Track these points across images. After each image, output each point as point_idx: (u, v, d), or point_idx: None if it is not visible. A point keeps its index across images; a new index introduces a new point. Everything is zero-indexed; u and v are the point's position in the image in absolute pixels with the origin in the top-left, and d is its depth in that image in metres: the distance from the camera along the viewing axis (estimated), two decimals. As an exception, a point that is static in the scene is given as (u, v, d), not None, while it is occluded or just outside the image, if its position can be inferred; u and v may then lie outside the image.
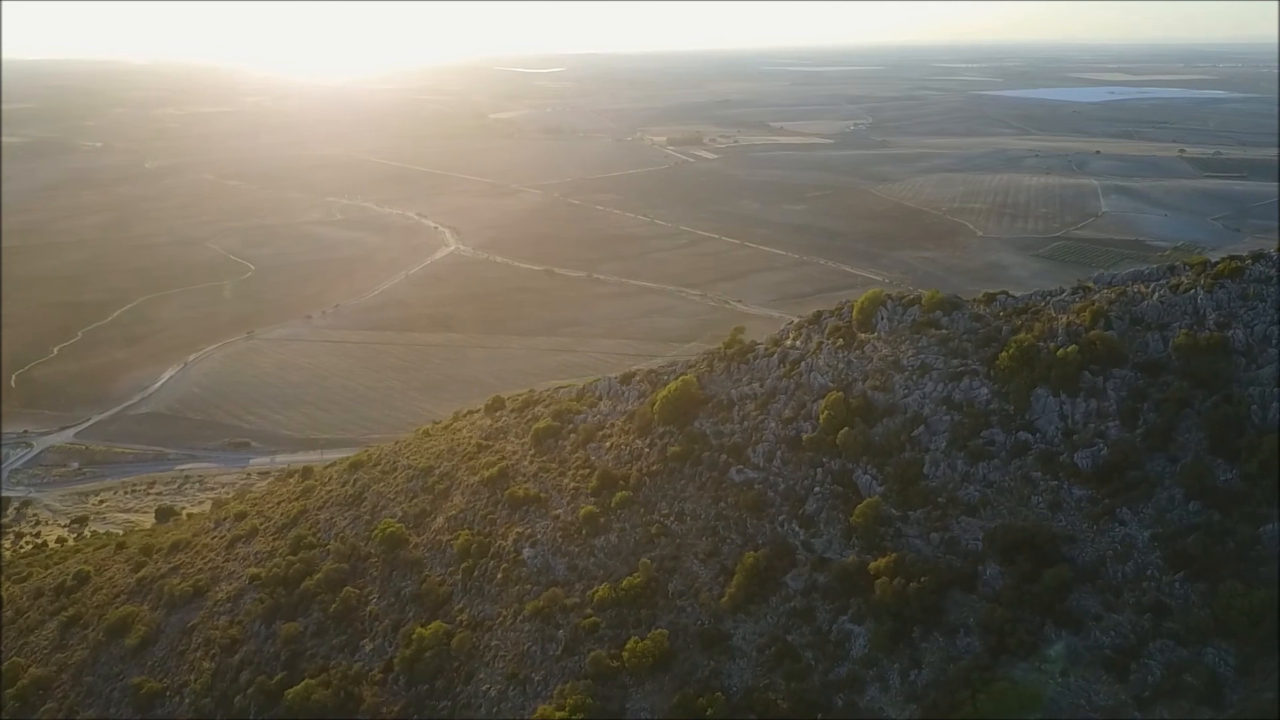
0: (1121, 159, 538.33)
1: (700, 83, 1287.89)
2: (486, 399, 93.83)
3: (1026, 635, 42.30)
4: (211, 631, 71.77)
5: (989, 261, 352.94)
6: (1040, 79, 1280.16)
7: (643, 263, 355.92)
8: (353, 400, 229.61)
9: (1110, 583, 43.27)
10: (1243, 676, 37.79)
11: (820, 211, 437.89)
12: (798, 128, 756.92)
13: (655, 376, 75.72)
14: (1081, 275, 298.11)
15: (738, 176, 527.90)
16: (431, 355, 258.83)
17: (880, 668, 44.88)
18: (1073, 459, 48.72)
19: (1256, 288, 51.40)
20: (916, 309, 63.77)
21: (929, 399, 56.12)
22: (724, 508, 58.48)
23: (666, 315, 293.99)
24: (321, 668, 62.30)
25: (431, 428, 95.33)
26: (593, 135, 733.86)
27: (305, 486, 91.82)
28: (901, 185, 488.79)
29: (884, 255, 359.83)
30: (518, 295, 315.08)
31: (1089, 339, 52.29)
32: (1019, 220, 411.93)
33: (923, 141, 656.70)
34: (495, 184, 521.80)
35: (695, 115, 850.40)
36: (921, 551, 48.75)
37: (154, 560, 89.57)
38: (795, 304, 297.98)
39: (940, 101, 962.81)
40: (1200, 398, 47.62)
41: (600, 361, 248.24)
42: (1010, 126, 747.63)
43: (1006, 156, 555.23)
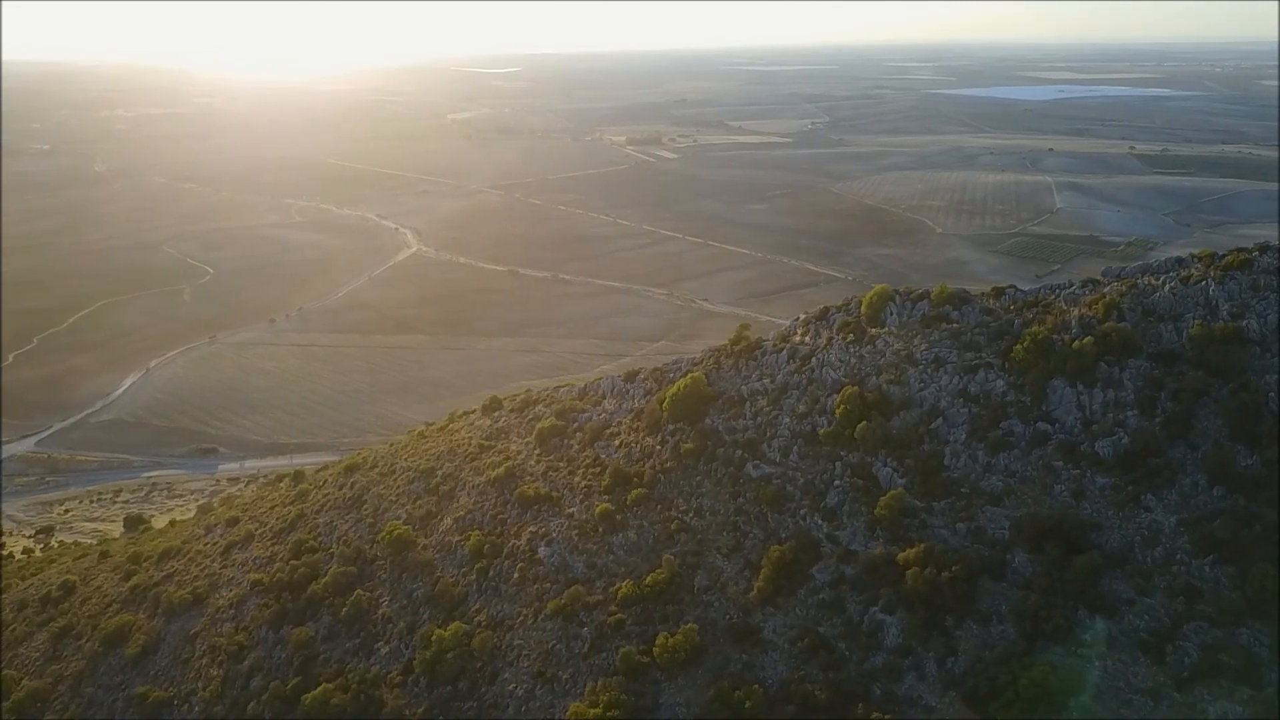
0: (1074, 156, 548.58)
1: (656, 82, 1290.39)
2: (484, 399, 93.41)
3: (1062, 620, 43.27)
4: (216, 638, 70.76)
5: (949, 258, 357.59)
6: (992, 78, 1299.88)
7: (607, 262, 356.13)
8: (320, 404, 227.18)
9: (1140, 568, 44.40)
10: (1278, 655, 39.01)
11: (782, 210, 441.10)
12: (756, 127, 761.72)
13: (660, 374, 75.94)
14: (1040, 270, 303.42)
15: (699, 176, 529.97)
16: (398, 357, 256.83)
17: (916, 656, 45.61)
18: (1094, 448, 49.85)
19: (1266, 279, 53.01)
20: (925, 303, 64.72)
21: (945, 392, 57.05)
22: (743, 503, 58.92)
23: (633, 315, 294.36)
24: (337, 672, 61.74)
25: (426, 429, 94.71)
26: (551, 135, 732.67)
27: (299, 491, 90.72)
28: (861, 183, 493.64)
29: (846, 253, 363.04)
30: (483, 296, 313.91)
31: (1103, 330, 53.53)
32: (977, 217, 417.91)
33: (880, 140, 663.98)
34: (455, 185, 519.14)
35: (653, 115, 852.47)
36: (948, 541, 49.59)
37: (145, 568, 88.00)
38: (761, 302, 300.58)
39: (896, 100, 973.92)
40: (1217, 386, 49.01)
41: (569, 362, 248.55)
42: (965, 125, 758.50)
43: (963, 154, 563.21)
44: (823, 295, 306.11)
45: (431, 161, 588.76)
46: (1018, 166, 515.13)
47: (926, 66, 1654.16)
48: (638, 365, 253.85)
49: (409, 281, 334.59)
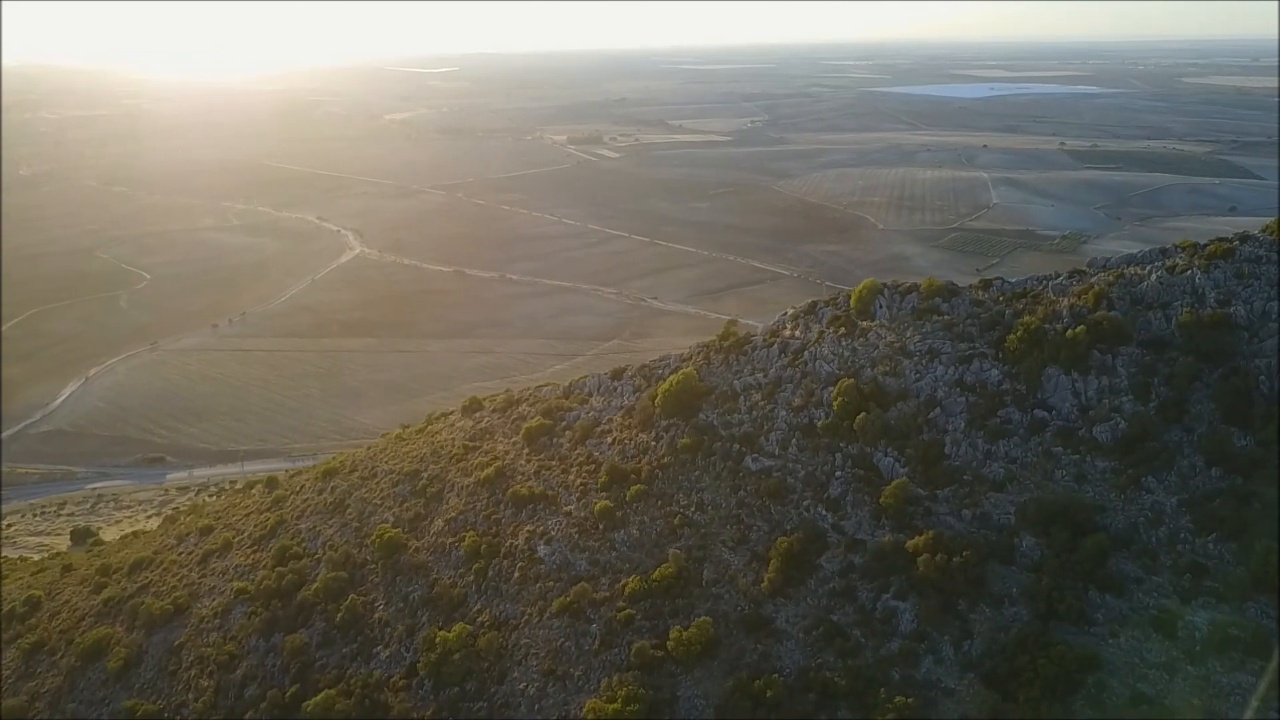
0: (1007, 152, 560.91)
1: (594, 82, 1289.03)
2: (464, 400, 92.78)
3: (1074, 601, 44.56)
4: (203, 649, 69.35)
5: (892, 253, 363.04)
6: (926, 76, 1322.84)
7: (554, 262, 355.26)
8: (270, 410, 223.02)
9: (1146, 547, 45.96)
10: (1286, 627, 40.71)
11: (725, 208, 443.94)
12: (696, 125, 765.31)
13: (648, 371, 76.26)
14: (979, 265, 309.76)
15: (642, 175, 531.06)
16: (347, 361, 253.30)
17: (931, 641, 46.61)
18: (1092, 433, 51.43)
19: (1250, 266, 55.16)
20: (915, 296, 66.01)
21: (941, 382, 58.30)
22: (744, 496, 59.53)
23: (584, 314, 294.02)
24: (337, 677, 60.99)
25: (404, 431, 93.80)
26: (492, 135, 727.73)
27: (276, 497, 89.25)
28: (802, 181, 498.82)
29: (790, 250, 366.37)
30: (430, 297, 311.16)
31: (1095, 319, 55.21)
32: (917, 213, 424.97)
33: (819, 137, 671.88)
34: (396, 185, 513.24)
35: (593, 114, 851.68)
36: (955, 528, 50.75)
37: (116, 580, 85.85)
38: (710, 300, 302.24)
39: (833, 98, 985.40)
40: (1207, 371, 50.88)
41: (520, 362, 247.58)
42: (901, 122, 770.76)
43: (900, 151, 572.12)
44: (770, 292, 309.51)
45: (371, 163, 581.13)
46: (954, 163, 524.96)
47: (862, 65, 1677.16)
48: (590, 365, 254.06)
49: (354, 284, 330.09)
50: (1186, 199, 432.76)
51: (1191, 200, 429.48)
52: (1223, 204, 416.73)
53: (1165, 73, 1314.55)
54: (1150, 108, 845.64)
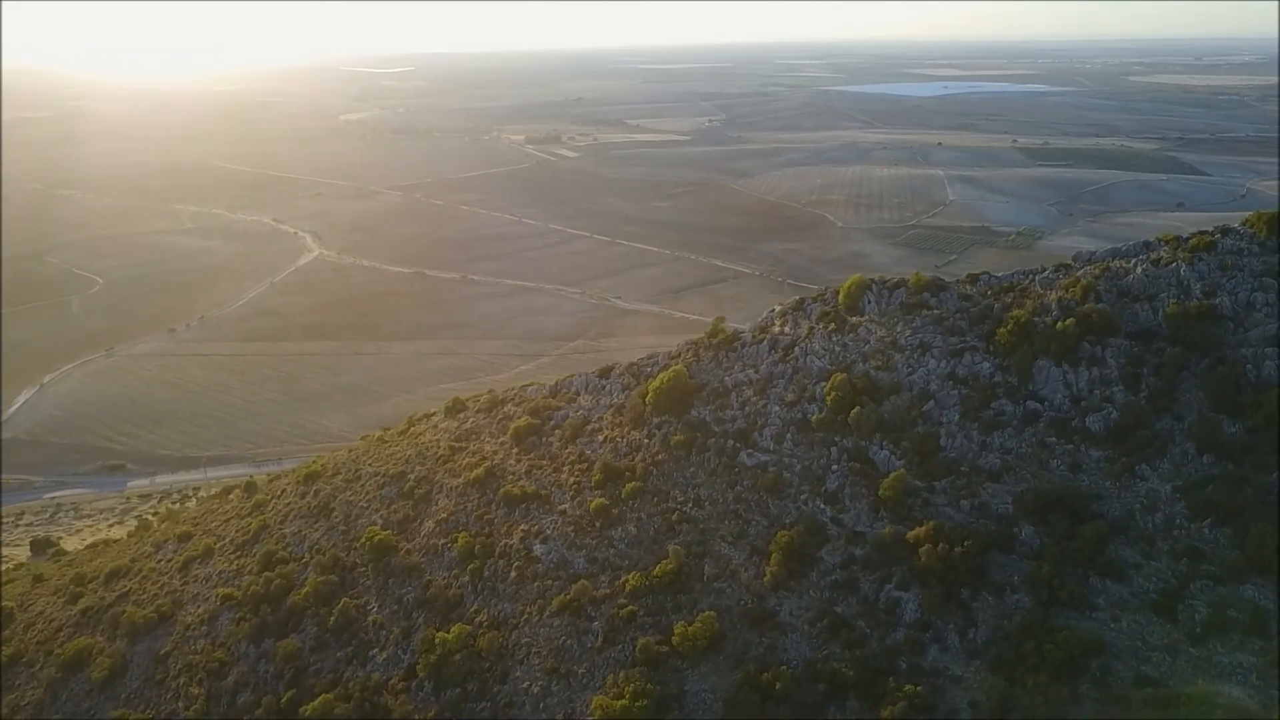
0: (962, 150, 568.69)
1: (550, 81, 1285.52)
2: (446, 401, 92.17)
3: (1075, 587, 45.54)
4: (191, 656, 68.36)
5: (851, 251, 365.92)
6: (879, 75, 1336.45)
7: (516, 262, 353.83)
8: (232, 415, 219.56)
9: (1143, 533, 47.11)
10: (1283, 608, 41.99)
11: (685, 207, 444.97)
12: (654, 125, 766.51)
13: (637, 369, 76.47)
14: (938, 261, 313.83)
15: (601, 174, 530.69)
16: (309, 365, 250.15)
17: (936, 630, 47.36)
18: (1084, 423, 52.58)
19: (1232, 259, 56.72)
20: (903, 291, 66.91)
21: (934, 375, 59.21)
22: (741, 491, 59.98)
23: (548, 314, 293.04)
24: (333, 681, 60.48)
25: (386, 434, 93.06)
26: (449, 135, 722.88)
27: (256, 502, 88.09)
28: (760, 180, 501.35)
29: (751, 248, 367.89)
30: (391, 299, 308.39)
31: (1083, 312, 56.43)
32: (875, 210, 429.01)
33: (776, 136, 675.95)
34: (353, 186, 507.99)
35: (551, 113, 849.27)
36: (954, 519, 51.61)
37: (93, 590, 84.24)
38: (674, 299, 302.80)
39: (789, 97, 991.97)
40: (1195, 361, 52.24)
41: (486, 363, 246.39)
42: (857, 120, 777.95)
43: (857, 149, 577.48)
44: (733, 291, 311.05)
45: (327, 163, 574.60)
46: (910, 161, 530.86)
47: (816, 64, 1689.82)
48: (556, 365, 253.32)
49: (313, 286, 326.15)
50: (1136, 195, 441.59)
51: (1141, 196, 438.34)
52: (1171, 200, 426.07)
53: (1112, 72, 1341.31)
54: (1098, 106, 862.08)
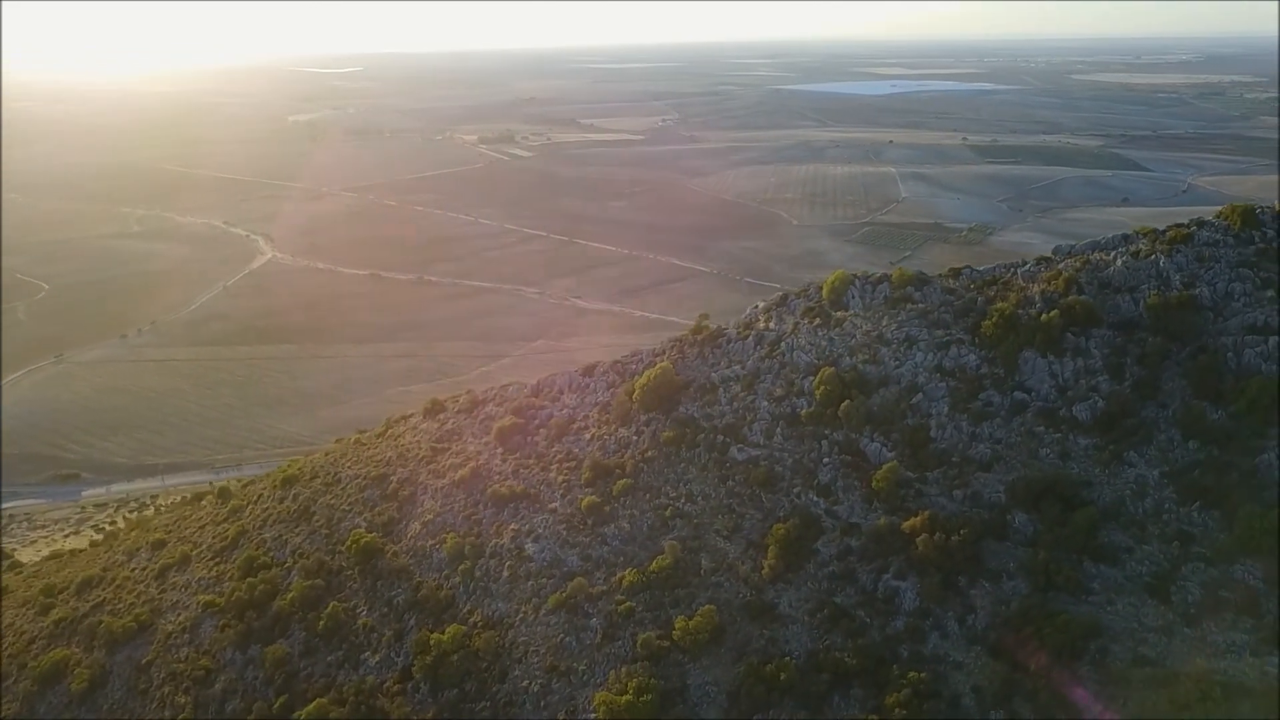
0: (913, 148, 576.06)
1: (502, 81, 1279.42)
2: (425, 403, 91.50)
3: (1071, 572, 46.65)
4: (175, 665, 67.31)
5: (807, 249, 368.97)
6: (830, 74, 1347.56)
7: (473, 263, 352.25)
8: (189, 421, 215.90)
9: (1134, 518, 48.38)
10: (1272, 588, 43.50)
11: (642, 207, 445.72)
12: (608, 124, 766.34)
13: (621, 367, 76.62)
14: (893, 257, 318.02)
15: (556, 174, 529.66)
16: (267, 369, 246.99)
17: (935, 617, 48.20)
18: (1072, 412, 53.84)
19: (1209, 250, 58.44)
20: (887, 285, 67.88)
21: (921, 368, 60.20)
22: (733, 485, 60.45)
23: (508, 314, 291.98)
24: (326, 686, 59.89)
25: (363, 436, 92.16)
26: (401, 135, 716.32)
27: (231, 507, 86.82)
28: (716, 179, 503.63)
29: (708, 247, 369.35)
30: (347, 302, 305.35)
31: (1067, 304, 57.77)
32: (829, 208, 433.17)
33: (730, 135, 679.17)
34: (305, 188, 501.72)
35: (503, 113, 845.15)
36: (947, 508, 52.57)
37: (64, 600, 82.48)
38: (633, 298, 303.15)
39: (742, 96, 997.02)
40: (1176, 350, 53.73)
41: (447, 365, 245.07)
42: (810, 119, 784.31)
43: (810, 148, 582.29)
44: (692, 289, 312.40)
45: (277, 165, 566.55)
46: (863, 159, 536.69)
47: (768, 63, 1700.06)
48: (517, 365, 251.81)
49: (268, 290, 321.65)
50: (1083, 191, 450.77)
51: (1087, 192, 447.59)
52: (1116, 195, 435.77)
53: (1055, 70, 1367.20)
54: (1044, 104, 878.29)
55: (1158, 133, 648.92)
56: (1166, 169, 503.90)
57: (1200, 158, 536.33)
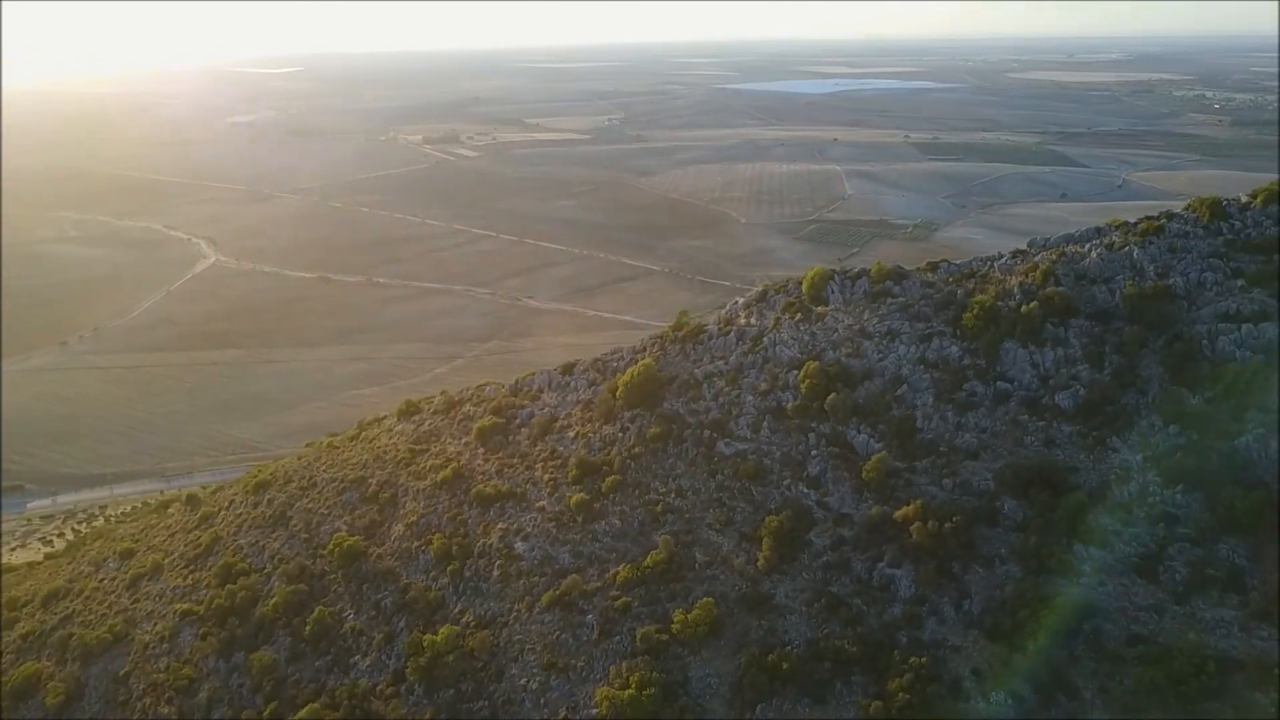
0: (856, 145, 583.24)
1: (445, 81, 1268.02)
2: (399, 405, 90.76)
3: (1062, 555, 48.01)
4: (154, 675, 66.06)
5: (756, 247, 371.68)
6: (772, 73, 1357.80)
7: (423, 263, 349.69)
8: (137, 429, 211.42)
9: (1119, 501, 49.91)
10: (1255, 564, 45.26)
11: (590, 206, 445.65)
12: (554, 124, 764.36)
13: (602, 364, 76.86)
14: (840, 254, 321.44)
15: (503, 173, 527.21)
16: (215, 374, 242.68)
17: (931, 603, 49.26)
18: (1054, 400, 55.36)
19: (1180, 241, 60.43)
20: (865, 280, 68.99)
21: (905, 360, 61.36)
22: (722, 480, 61.04)
23: (460, 315, 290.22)
24: (316, 691, 59.25)
25: (336, 439, 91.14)
26: (344, 136, 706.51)
27: (202, 514, 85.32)
28: (663, 178, 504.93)
29: (658, 246, 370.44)
30: (296, 305, 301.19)
31: (1045, 295, 59.36)
32: (776, 206, 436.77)
33: (676, 134, 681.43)
34: (247, 190, 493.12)
35: (448, 113, 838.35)
36: (937, 496, 53.70)
37: (30, 614, 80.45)
38: (586, 297, 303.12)
39: (687, 96, 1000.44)
40: (1153, 338, 55.51)
41: (399, 367, 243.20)
42: (754, 118, 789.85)
43: (756, 146, 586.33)
44: (644, 288, 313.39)
45: (217, 167, 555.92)
46: (808, 157, 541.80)
47: (710, 62, 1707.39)
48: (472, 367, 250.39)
49: (213, 294, 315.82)
50: (1022, 187, 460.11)
51: (1027, 188, 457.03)
52: (1054, 191, 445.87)
53: (991, 69, 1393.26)
54: (982, 102, 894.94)
55: (1092, 129, 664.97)
56: (1101, 165, 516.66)
57: (1134, 154, 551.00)
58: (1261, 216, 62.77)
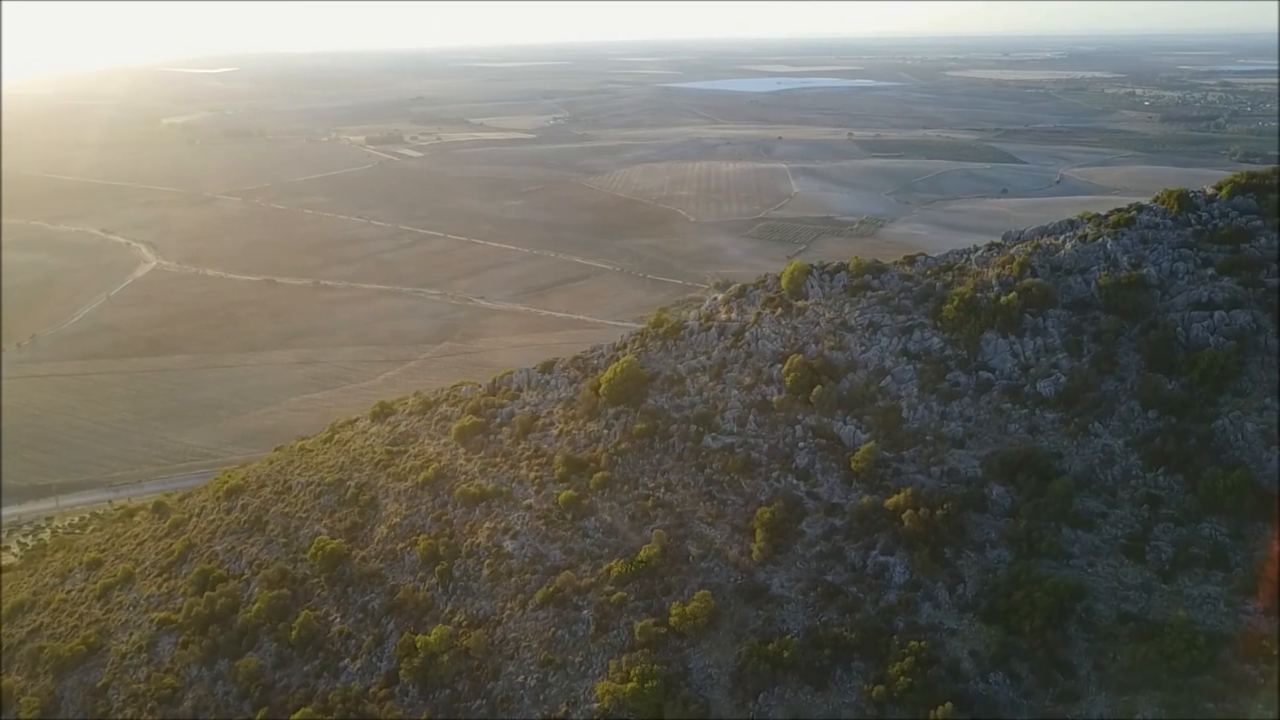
0: (801, 143, 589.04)
1: (386, 81, 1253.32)
2: (372, 406, 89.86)
3: (1052, 538, 49.39)
4: (134, 686, 64.72)
5: (706, 245, 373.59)
6: (715, 71, 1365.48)
7: (370, 265, 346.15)
8: (81, 438, 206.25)
9: (1104, 485, 51.47)
10: (1238, 541, 47.07)
11: (539, 205, 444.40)
12: (498, 123, 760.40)
13: (582, 362, 76.98)
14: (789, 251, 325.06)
15: (449, 174, 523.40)
16: (160, 381, 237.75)
17: (926, 589, 50.28)
18: (1035, 389, 56.88)
19: (1151, 233, 62.38)
20: (844, 274, 70.05)
21: (887, 352, 62.51)
22: (711, 473, 61.60)
23: (409, 317, 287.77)
24: (307, 696, 58.57)
25: (308, 443, 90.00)
26: (284, 137, 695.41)
27: (173, 521, 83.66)
28: (611, 176, 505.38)
29: (608, 244, 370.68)
30: (241, 309, 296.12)
31: (1023, 286, 60.90)
32: (724, 204, 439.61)
33: (622, 133, 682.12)
34: (186, 192, 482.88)
35: (390, 113, 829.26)
36: (926, 485, 54.81)
37: (-5, 628, 78.21)
38: (538, 297, 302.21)
39: (631, 94, 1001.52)
40: (1128, 327, 57.29)
41: (350, 371, 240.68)
42: (699, 116, 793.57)
43: (702, 145, 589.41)
44: (596, 287, 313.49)
45: (154, 169, 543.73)
46: (753, 155, 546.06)
47: (653, 61, 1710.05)
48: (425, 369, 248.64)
49: (155, 299, 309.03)
50: (964, 183, 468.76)
51: (968, 184, 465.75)
52: (995, 187, 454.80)
53: (930, 67, 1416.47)
54: (922, 99, 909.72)
55: (1029, 126, 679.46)
56: (1039, 161, 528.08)
57: (1069, 150, 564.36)
58: (1227, 208, 65.18)
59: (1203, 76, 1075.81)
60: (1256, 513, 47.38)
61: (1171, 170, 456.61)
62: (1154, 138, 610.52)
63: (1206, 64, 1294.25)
